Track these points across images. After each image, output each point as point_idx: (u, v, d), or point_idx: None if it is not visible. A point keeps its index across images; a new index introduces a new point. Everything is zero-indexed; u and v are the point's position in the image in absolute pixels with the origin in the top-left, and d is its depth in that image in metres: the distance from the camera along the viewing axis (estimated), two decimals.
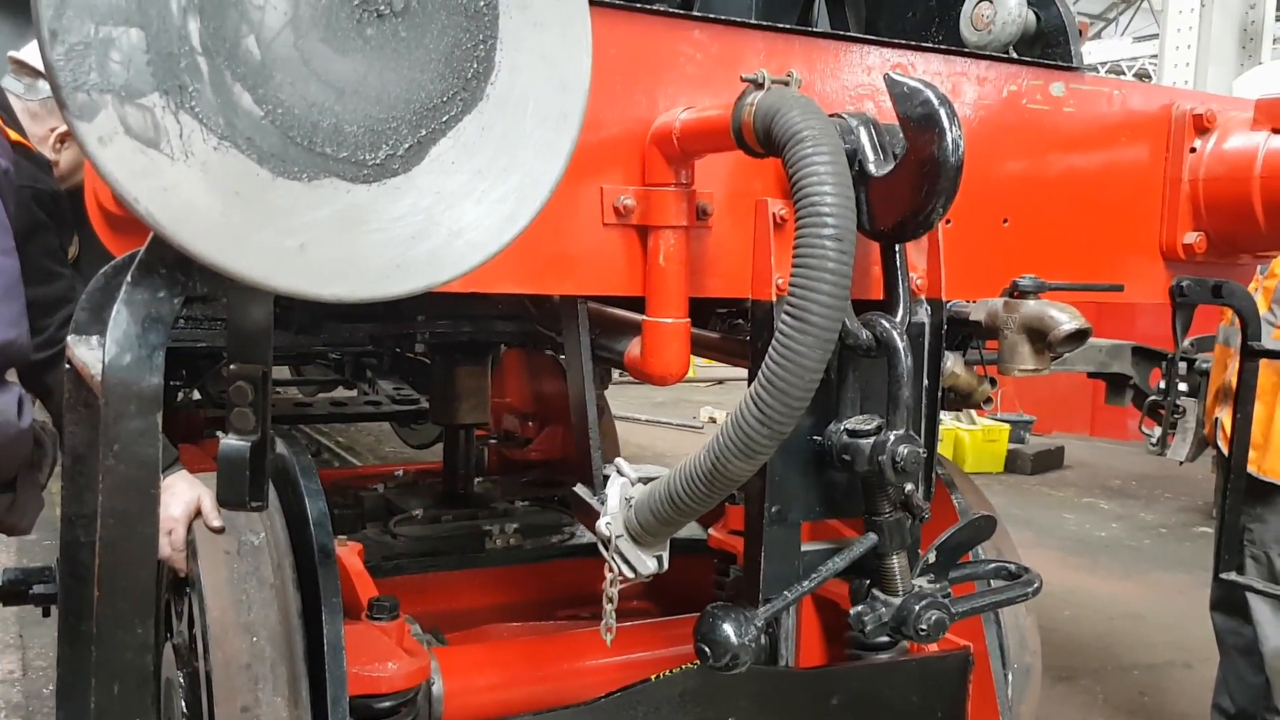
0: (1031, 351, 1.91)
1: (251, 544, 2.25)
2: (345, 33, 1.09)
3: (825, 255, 1.41)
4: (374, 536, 3.82)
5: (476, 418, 4.06)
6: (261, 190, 1.07)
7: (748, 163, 1.74)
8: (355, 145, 1.11)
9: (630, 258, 1.79)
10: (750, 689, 2.31)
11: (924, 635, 1.82)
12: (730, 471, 1.54)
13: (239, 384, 1.40)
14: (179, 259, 1.18)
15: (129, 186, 1.02)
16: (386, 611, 2.40)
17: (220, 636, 2.13)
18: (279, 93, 1.06)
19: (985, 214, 2.12)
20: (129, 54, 1.01)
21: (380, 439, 8.62)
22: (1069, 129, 2.21)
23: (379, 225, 1.13)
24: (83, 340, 1.65)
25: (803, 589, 1.83)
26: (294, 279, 1.10)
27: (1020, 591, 2.02)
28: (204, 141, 1.04)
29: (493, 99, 1.18)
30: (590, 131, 1.30)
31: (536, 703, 2.48)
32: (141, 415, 1.19)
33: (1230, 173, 2.26)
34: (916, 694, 2.47)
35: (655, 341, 1.81)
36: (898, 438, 1.71)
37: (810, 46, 1.96)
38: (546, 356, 4.70)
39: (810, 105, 1.51)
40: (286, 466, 2.35)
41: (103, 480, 1.20)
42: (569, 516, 4.02)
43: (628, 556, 1.76)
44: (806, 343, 1.43)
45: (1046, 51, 2.38)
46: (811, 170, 1.44)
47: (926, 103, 1.55)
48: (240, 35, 1.05)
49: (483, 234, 1.19)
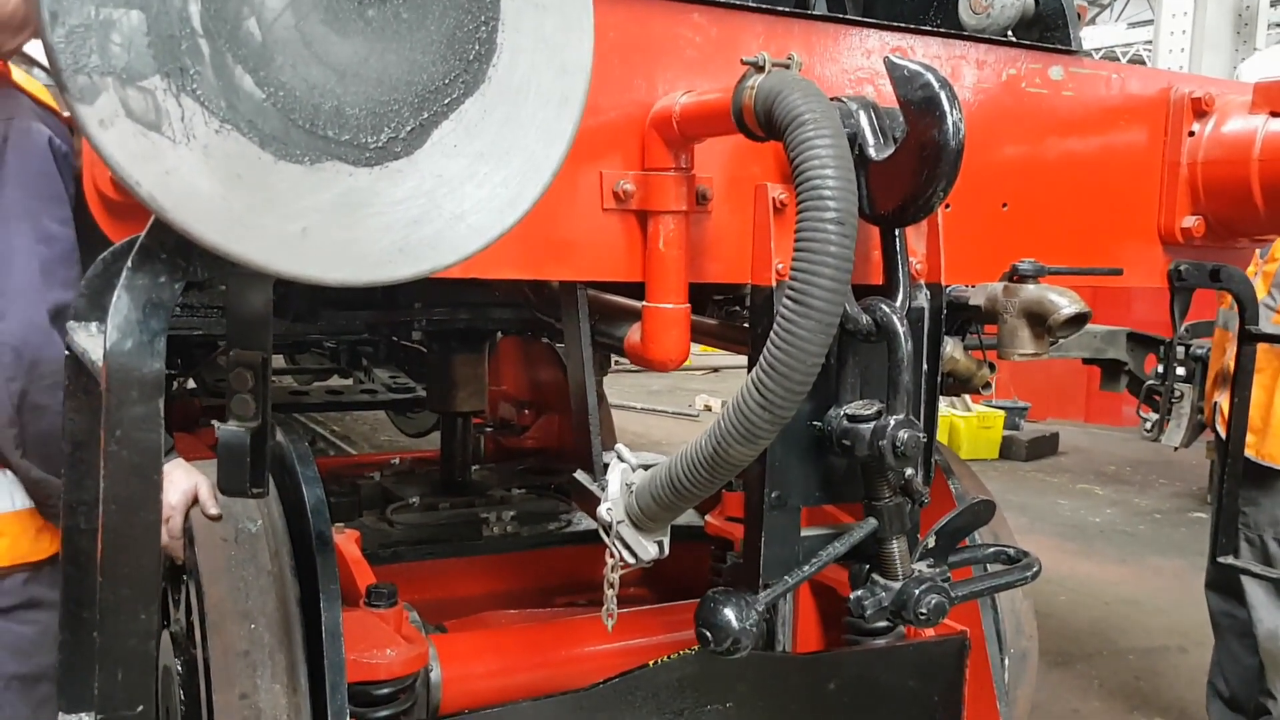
0: (1031, 336, 1.91)
1: (249, 531, 2.25)
2: (346, 14, 1.08)
3: (827, 239, 1.41)
4: (371, 524, 3.82)
5: (473, 406, 4.05)
6: (263, 173, 1.06)
7: (747, 147, 1.74)
8: (357, 128, 1.10)
9: (630, 243, 1.79)
10: (748, 674, 2.32)
11: (924, 619, 1.83)
12: (731, 456, 1.54)
13: (239, 370, 1.40)
14: (180, 243, 1.17)
15: (130, 170, 1.02)
16: (385, 599, 2.40)
17: (218, 624, 2.13)
18: (280, 75, 1.06)
19: (985, 198, 2.12)
20: (130, 36, 1.00)
21: (376, 427, 8.61)
22: (1068, 113, 2.21)
23: (381, 209, 1.13)
24: (82, 326, 1.64)
25: (803, 574, 1.83)
26: (296, 263, 1.10)
27: (1020, 575, 2.03)
28: (206, 124, 1.03)
29: (494, 82, 1.17)
30: (590, 115, 1.29)
31: (535, 689, 2.49)
32: (143, 401, 1.19)
33: (1229, 156, 2.26)
34: (914, 679, 2.47)
35: (655, 327, 1.81)
36: (898, 423, 1.71)
37: (810, 29, 1.95)
38: (543, 344, 4.69)
39: (811, 88, 1.51)
40: (284, 454, 2.34)
41: (104, 466, 1.20)
42: (566, 504, 4.02)
43: (629, 542, 1.76)
44: (808, 327, 1.43)
45: (1045, 35, 2.38)
46: (813, 153, 1.43)
47: (927, 86, 1.55)
48: (241, 17, 1.04)
49: (485, 218, 1.19)
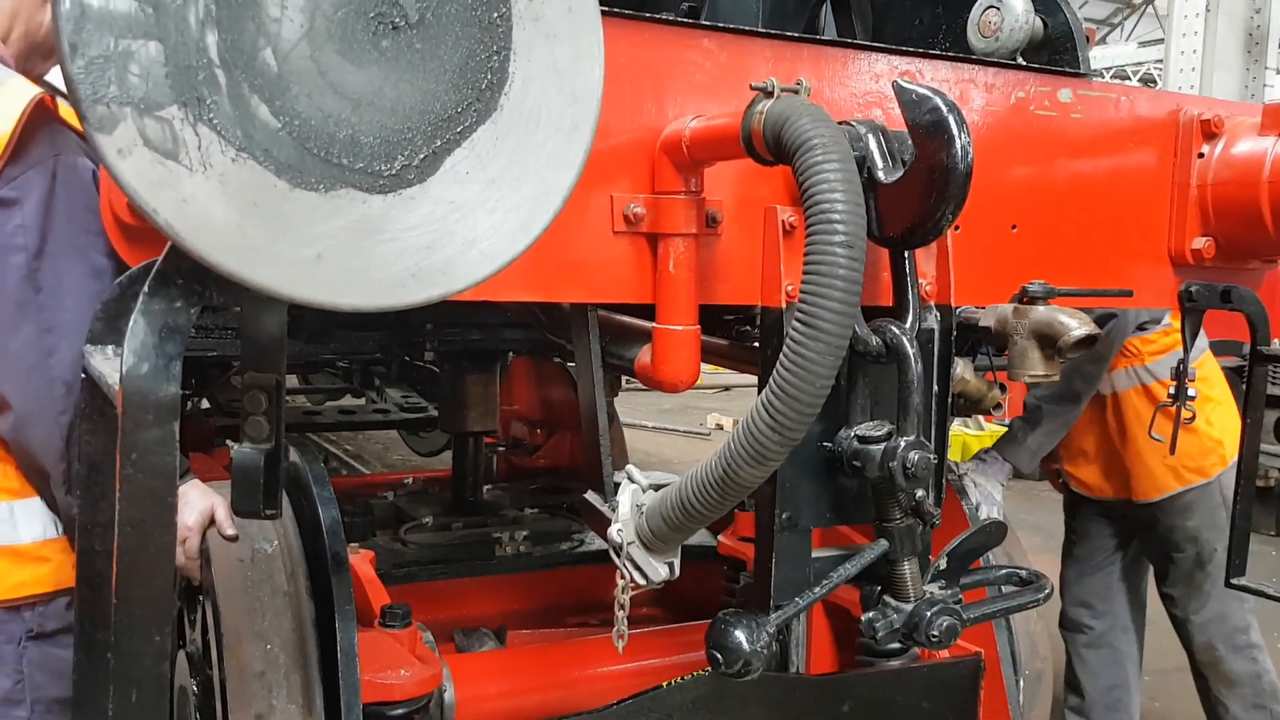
0: (1041, 357, 1.91)
1: (265, 552, 2.26)
2: (361, 45, 1.10)
3: (836, 262, 1.42)
4: (384, 544, 3.83)
5: (485, 425, 4.07)
6: (279, 201, 1.08)
7: (756, 171, 1.75)
8: (371, 156, 1.11)
9: (640, 265, 1.80)
10: (761, 696, 2.31)
11: (936, 641, 1.82)
12: (741, 478, 1.54)
13: (253, 392, 1.41)
14: (195, 269, 1.19)
15: (148, 198, 1.03)
16: (399, 619, 2.41)
17: (234, 644, 2.14)
18: (296, 104, 1.07)
19: (994, 220, 2.12)
20: (148, 67, 1.02)
21: (388, 447, 8.62)
22: (1077, 135, 2.21)
23: (394, 235, 1.14)
24: (99, 350, 1.66)
25: (814, 595, 1.83)
26: (310, 289, 1.11)
27: (1032, 597, 2.02)
28: (222, 153, 1.05)
29: (506, 109, 1.19)
30: (600, 139, 1.31)
31: (547, 710, 2.49)
32: (159, 424, 1.20)
33: (1238, 178, 2.26)
34: (928, 700, 2.46)
35: (665, 349, 1.82)
36: (908, 444, 1.71)
37: (818, 54, 1.96)
38: (554, 364, 4.70)
39: (820, 113, 1.52)
40: (299, 474, 2.36)
41: (120, 489, 1.21)
42: (578, 524, 4.02)
43: (639, 563, 1.76)
44: (818, 349, 1.43)
45: (1054, 58, 2.38)
46: (822, 177, 1.44)
47: (935, 110, 1.56)
48: (257, 47, 1.06)
49: (496, 243, 1.20)
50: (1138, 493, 3.58)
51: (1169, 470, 3.51)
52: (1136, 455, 3.54)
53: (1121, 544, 3.84)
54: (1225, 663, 3.57)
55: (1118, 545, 3.84)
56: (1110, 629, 3.85)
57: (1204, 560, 3.54)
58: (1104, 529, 3.84)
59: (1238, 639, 3.57)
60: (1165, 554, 3.64)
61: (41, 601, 2.15)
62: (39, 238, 2.02)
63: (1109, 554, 3.85)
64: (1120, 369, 3.50)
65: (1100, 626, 3.85)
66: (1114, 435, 3.59)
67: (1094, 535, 3.85)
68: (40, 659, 2.14)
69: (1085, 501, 3.85)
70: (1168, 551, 3.62)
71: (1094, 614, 3.85)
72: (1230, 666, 3.58)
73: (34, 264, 2.02)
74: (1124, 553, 3.85)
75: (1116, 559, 3.85)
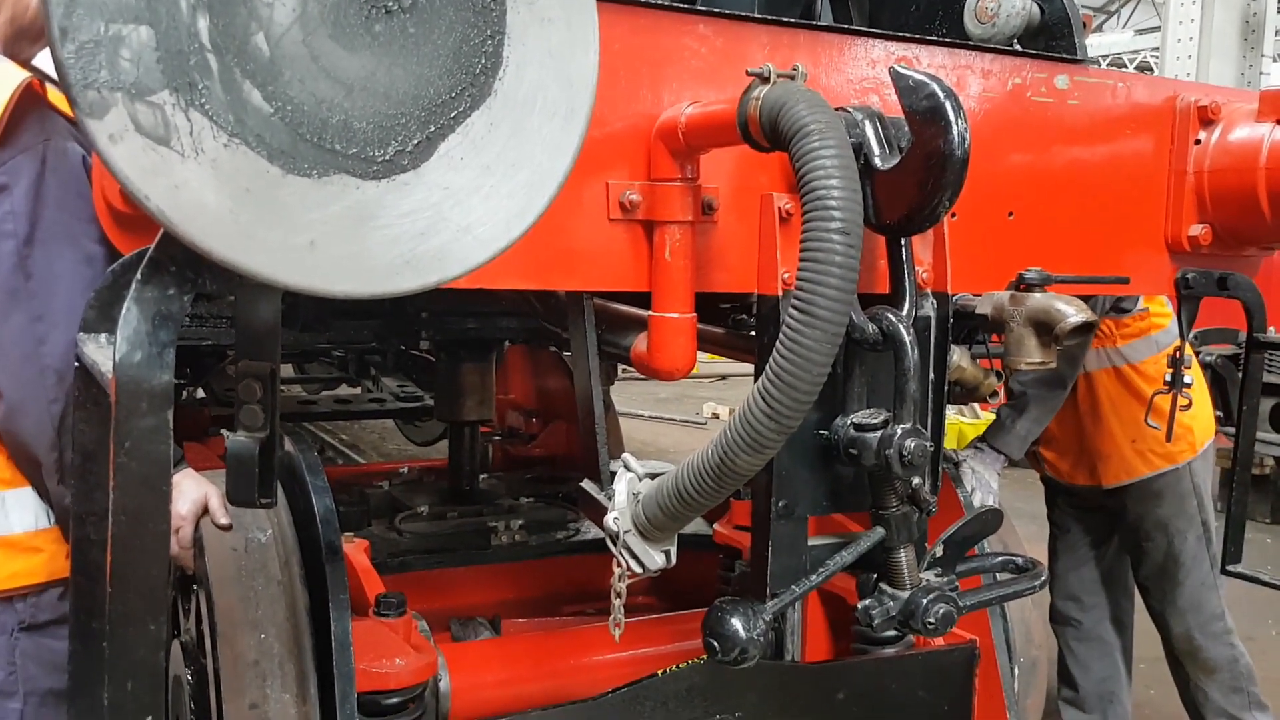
0: (1038, 345, 1.91)
1: (259, 541, 2.25)
2: (353, 29, 1.09)
3: (833, 249, 1.41)
4: (380, 533, 3.83)
5: (481, 414, 4.06)
6: (271, 187, 1.07)
7: (752, 157, 1.74)
8: (364, 142, 1.11)
9: (636, 253, 1.79)
10: (757, 683, 2.31)
11: (932, 629, 1.82)
12: (738, 466, 1.54)
13: (247, 381, 1.40)
14: (189, 256, 1.18)
15: (140, 184, 1.02)
16: (394, 608, 2.41)
17: (228, 633, 2.14)
18: (288, 89, 1.06)
19: (990, 207, 2.12)
20: (139, 51, 1.01)
21: (384, 436, 8.62)
22: (1073, 122, 2.21)
23: (388, 221, 1.13)
24: (91, 338, 1.64)
25: (810, 583, 1.83)
26: (304, 275, 1.10)
27: (1028, 584, 2.02)
28: (214, 139, 1.04)
29: (500, 95, 1.18)
30: (596, 126, 1.30)
31: (544, 698, 2.49)
32: (153, 413, 1.19)
33: (1235, 164, 2.26)
34: (923, 688, 2.47)
35: (662, 337, 1.81)
36: (905, 431, 1.71)
37: (815, 40, 1.96)
38: (550, 352, 4.70)
39: (816, 99, 1.51)
40: (293, 464, 2.35)
41: (114, 478, 1.20)
42: (573, 512, 4.02)
43: (635, 552, 1.76)
44: (814, 337, 1.43)
45: (1050, 44, 2.38)
46: (818, 164, 1.44)
47: (932, 96, 1.55)
48: (249, 32, 1.05)
49: (491, 230, 1.19)
50: (1107, 476, 3.57)
51: (1137, 454, 3.51)
52: (1107, 436, 3.53)
53: (1102, 537, 3.84)
54: (1204, 651, 3.58)
55: (1098, 539, 3.85)
56: (1099, 622, 3.86)
57: (1175, 549, 3.54)
58: (1082, 523, 3.85)
59: (1214, 626, 3.57)
60: (1137, 543, 3.65)
61: (34, 592, 2.14)
62: (29, 224, 2.00)
63: (1090, 548, 3.86)
64: (1091, 350, 3.49)
65: (1089, 620, 3.86)
66: (1085, 416, 3.58)
67: (1073, 530, 3.87)
68: (33, 650, 2.13)
69: (1060, 492, 3.85)
70: (1139, 541, 3.63)
71: (1081, 608, 3.86)
72: (1209, 654, 3.58)
73: (24, 251, 2.01)
74: (1105, 546, 3.86)
75: (1099, 553, 3.86)
